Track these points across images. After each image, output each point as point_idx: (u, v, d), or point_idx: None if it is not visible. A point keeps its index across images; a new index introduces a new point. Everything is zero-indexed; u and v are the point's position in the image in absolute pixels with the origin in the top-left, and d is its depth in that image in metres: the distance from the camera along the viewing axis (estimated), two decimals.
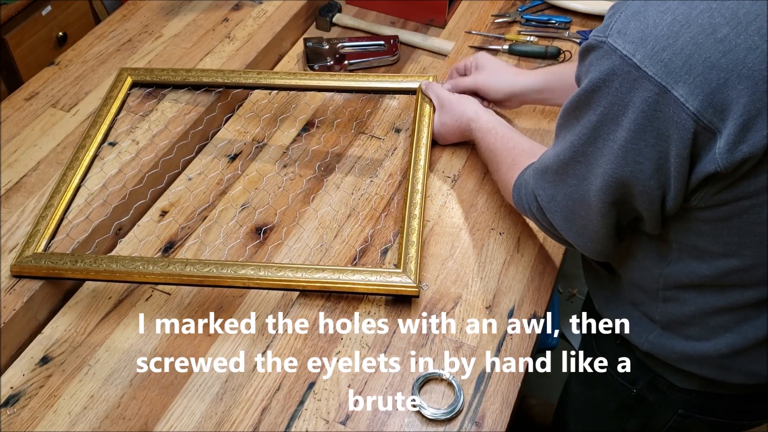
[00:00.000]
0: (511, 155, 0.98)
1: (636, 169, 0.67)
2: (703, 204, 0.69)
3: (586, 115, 0.70)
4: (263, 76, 1.20)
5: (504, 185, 0.98)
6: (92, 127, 1.13)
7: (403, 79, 1.19)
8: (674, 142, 0.64)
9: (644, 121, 0.64)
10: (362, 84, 1.19)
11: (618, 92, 0.65)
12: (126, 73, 1.22)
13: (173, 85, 1.21)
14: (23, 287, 0.95)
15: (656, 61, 0.62)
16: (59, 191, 1.04)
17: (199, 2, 1.40)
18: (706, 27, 0.61)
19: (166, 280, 0.93)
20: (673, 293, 0.80)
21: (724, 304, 0.77)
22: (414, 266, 0.94)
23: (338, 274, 0.93)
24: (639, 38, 0.63)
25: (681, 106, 0.62)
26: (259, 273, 0.92)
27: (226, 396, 0.87)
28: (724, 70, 0.60)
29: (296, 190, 1.10)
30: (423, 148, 1.08)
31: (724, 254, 0.73)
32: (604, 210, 0.73)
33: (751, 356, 0.79)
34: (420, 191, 1.02)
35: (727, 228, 0.70)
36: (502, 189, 1.00)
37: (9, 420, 0.85)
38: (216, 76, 1.20)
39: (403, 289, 0.92)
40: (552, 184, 0.80)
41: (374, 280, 0.92)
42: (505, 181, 0.97)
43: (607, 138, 0.68)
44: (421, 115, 1.13)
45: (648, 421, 0.96)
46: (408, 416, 0.85)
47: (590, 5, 1.37)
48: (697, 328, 0.80)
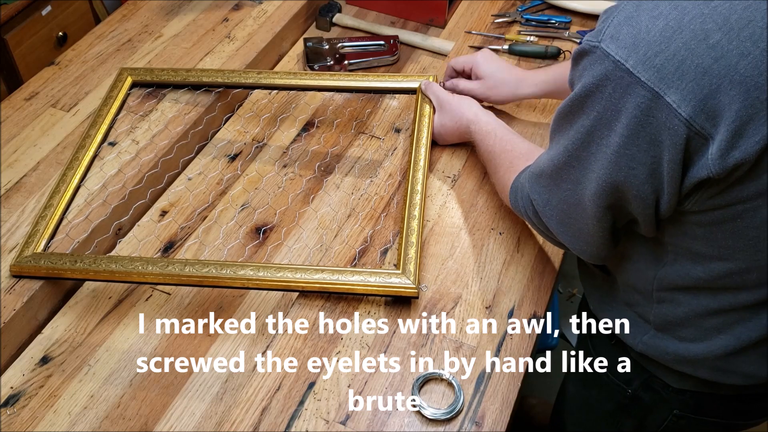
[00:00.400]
0: (509, 158, 0.98)
1: (630, 174, 0.67)
2: (696, 208, 0.69)
3: (580, 119, 0.70)
4: (263, 75, 1.20)
5: (501, 188, 0.98)
6: (92, 127, 1.13)
7: (403, 79, 1.19)
8: (667, 147, 0.64)
9: (637, 127, 0.64)
10: (362, 84, 1.19)
11: (611, 97, 0.65)
12: (126, 72, 1.22)
13: (173, 85, 1.21)
14: (23, 287, 0.95)
15: (649, 66, 0.62)
16: (59, 191, 1.04)
17: (199, 2, 1.40)
18: (699, 33, 0.61)
19: (166, 281, 0.93)
20: (667, 295, 0.80)
21: (718, 306, 0.77)
22: (413, 267, 0.93)
23: (337, 275, 0.93)
24: (631, 43, 0.63)
25: (674, 111, 0.62)
26: (259, 273, 0.92)
27: (226, 396, 0.87)
28: (716, 76, 0.60)
29: (296, 191, 1.10)
30: (423, 148, 1.08)
31: (718, 257, 0.73)
32: (599, 214, 0.73)
33: (746, 358, 0.79)
34: (420, 192, 1.02)
35: (721, 231, 0.70)
36: (500, 191, 1.00)
37: (9, 420, 0.85)
38: (216, 76, 1.20)
39: (403, 290, 0.92)
40: (547, 189, 0.80)
41: (373, 281, 0.92)
42: (502, 184, 0.97)
43: (600, 143, 0.68)
44: (421, 115, 1.13)
45: (643, 422, 0.96)
46: (408, 416, 0.85)
47: (590, 5, 1.37)
48: (691, 329, 0.80)
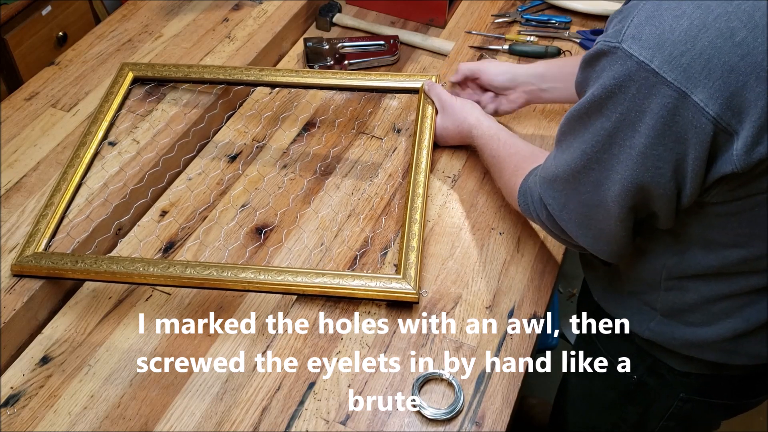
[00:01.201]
0: (514, 161, 0.98)
1: (656, 174, 0.67)
2: (716, 200, 0.70)
3: (598, 121, 0.69)
4: (265, 73, 1.19)
5: (508, 191, 0.97)
6: (93, 124, 1.13)
7: (405, 78, 1.19)
8: (693, 145, 0.64)
9: (663, 127, 0.64)
10: (365, 83, 1.19)
11: (635, 98, 0.65)
12: (127, 68, 1.22)
13: (174, 81, 1.21)
14: (23, 287, 0.95)
15: (675, 66, 0.62)
16: (60, 189, 1.04)
17: (199, 2, 1.40)
18: (724, 31, 0.61)
19: (166, 282, 0.93)
20: (676, 283, 0.80)
21: (728, 291, 0.78)
22: (414, 272, 0.93)
23: (338, 279, 0.93)
24: (656, 43, 0.63)
25: (701, 110, 0.62)
26: (260, 276, 0.92)
27: (226, 396, 0.87)
28: (742, 74, 0.61)
29: (296, 191, 1.10)
30: (425, 150, 1.08)
31: (733, 245, 0.74)
32: (623, 215, 0.73)
33: (755, 339, 0.80)
34: (421, 195, 1.02)
35: (738, 220, 0.71)
36: (507, 194, 1.00)
37: (9, 420, 0.85)
38: (218, 73, 1.19)
39: (403, 295, 0.92)
40: (562, 193, 0.80)
41: (374, 285, 0.92)
42: (509, 187, 0.97)
43: (623, 144, 0.68)
44: (423, 117, 1.13)
45: (648, 409, 0.97)
46: (408, 416, 0.85)
47: (590, 5, 1.37)
48: (700, 314, 0.81)
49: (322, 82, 1.18)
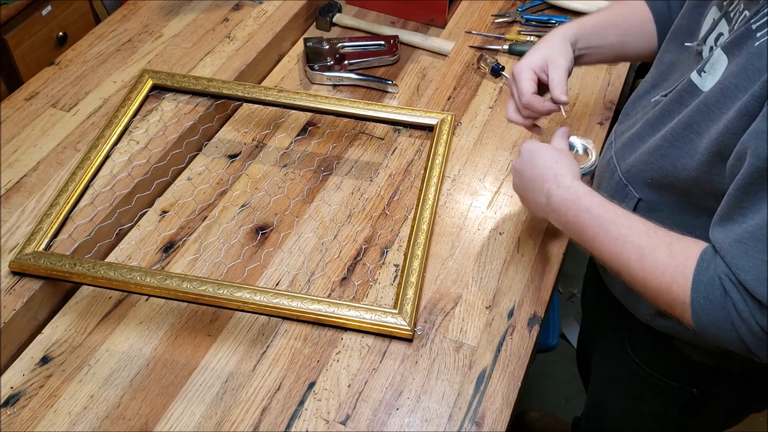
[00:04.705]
0: (643, 247, 0.74)
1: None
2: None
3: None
4: (284, 95, 1.17)
5: (652, 289, 0.73)
6: (107, 128, 1.12)
7: (422, 114, 1.16)
8: None
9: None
10: (380, 114, 1.16)
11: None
12: (147, 75, 1.21)
13: (192, 93, 1.19)
14: (23, 287, 0.95)
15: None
16: (66, 190, 1.03)
17: (199, 2, 1.40)
18: None
19: (162, 294, 0.93)
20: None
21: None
22: (410, 308, 0.92)
23: (334, 308, 0.92)
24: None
25: None
26: (255, 297, 0.91)
27: (226, 396, 0.87)
28: None
29: (296, 191, 1.10)
30: (433, 188, 1.05)
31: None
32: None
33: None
34: (425, 231, 0.99)
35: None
36: (648, 292, 0.75)
37: (9, 420, 0.85)
38: (237, 90, 1.18)
39: (397, 331, 0.91)
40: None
41: (369, 318, 0.91)
42: (650, 284, 0.73)
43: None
44: (435, 155, 1.09)
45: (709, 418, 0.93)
46: (408, 416, 0.85)
47: (590, 5, 1.37)
48: None
49: (339, 110, 1.16)
